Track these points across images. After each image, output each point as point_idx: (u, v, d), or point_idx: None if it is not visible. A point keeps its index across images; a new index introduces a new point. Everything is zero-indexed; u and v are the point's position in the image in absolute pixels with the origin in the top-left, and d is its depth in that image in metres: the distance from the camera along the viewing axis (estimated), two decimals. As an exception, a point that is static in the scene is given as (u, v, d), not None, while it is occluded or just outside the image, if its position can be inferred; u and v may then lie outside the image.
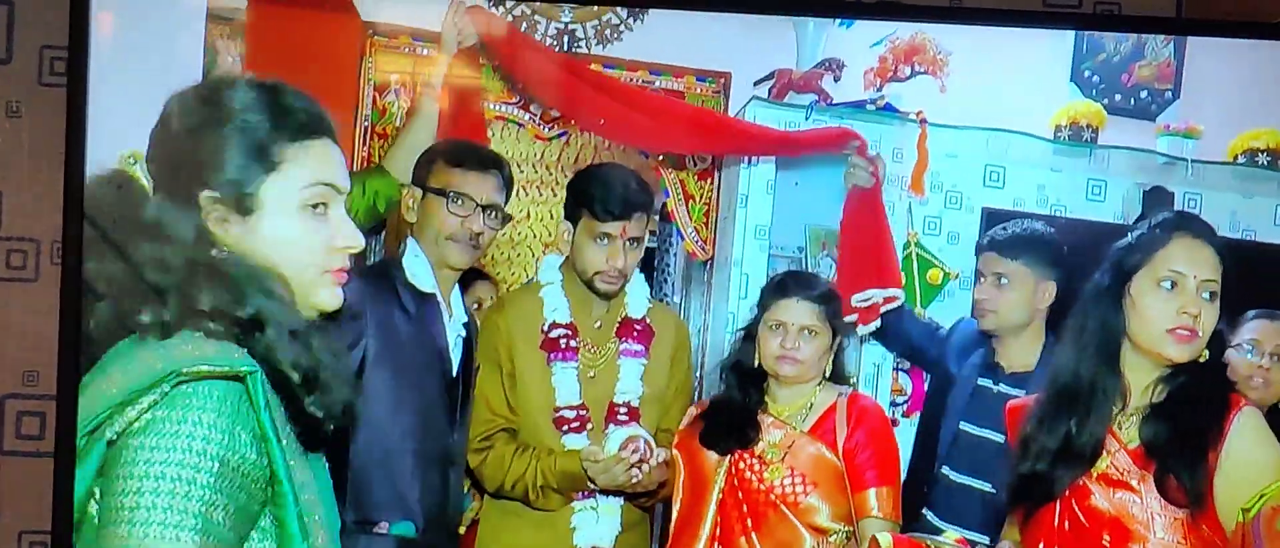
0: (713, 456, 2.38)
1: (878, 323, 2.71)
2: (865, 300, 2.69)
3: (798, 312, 2.36)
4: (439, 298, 2.34)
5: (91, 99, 2.16)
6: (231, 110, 1.35)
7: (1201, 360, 1.93)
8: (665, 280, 3.23)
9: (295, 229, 1.36)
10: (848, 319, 2.63)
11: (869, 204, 2.70)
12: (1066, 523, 1.99)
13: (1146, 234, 1.97)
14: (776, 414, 2.40)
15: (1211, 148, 2.95)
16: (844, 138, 2.74)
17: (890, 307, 2.72)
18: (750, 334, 2.42)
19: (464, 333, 2.39)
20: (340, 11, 2.76)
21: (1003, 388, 2.56)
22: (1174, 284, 1.92)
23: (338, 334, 1.45)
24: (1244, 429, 1.90)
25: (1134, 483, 1.94)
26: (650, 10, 2.94)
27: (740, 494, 2.35)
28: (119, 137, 2.23)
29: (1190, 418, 1.91)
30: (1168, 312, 1.91)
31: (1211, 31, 2.80)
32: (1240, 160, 2.96)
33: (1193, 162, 2.91)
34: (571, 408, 2.40)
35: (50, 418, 2.37)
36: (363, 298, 2.21)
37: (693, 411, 2.48)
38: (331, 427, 1.36)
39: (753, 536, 2.33)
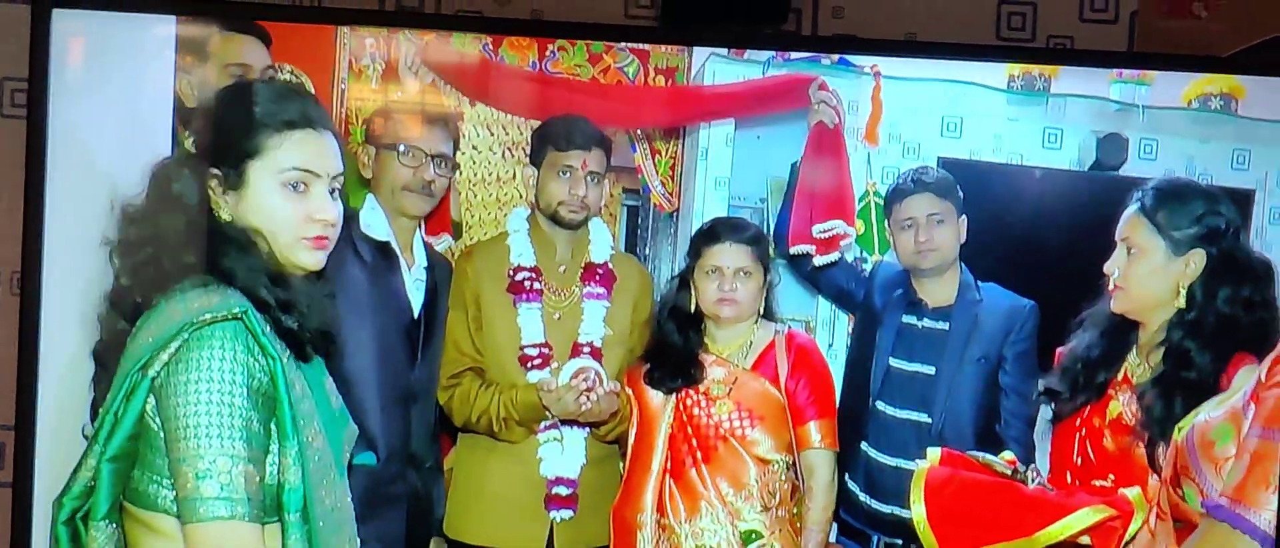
0: (659, 395, 2.52)
1: (838, 254, 2.77)
2: (827, 231, 2.74)
3: (732, 255, 2.49)
4: (395, 246, 2.49)
5: (57, 127, 2.20)
6: (235, 105, 1.72)
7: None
8: (644, 240, 3.33)
9: (274, 203, 1.69)
10: (804, 248, 2.72)
11: (832, 142, 2.77)
12: (1079, 459, 2.23)
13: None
14: (717, 353, 2.53)
15: (1167, 94, 3.02)
16: (804, 82, 2.80)
17: (844, 245, 2.80)
18: (685, 281, 2.56)
19: (424, 278, 2.54)
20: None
21: (927, 323, 2.69)
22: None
23: (318, 282, 1.76)
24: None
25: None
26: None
27: (690, 429, 2.49)
28: (85, 165, 2.21)
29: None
30: None
31: (1162, 65, 2.87)
32: (1194, 105, 3.03)
33: (1146, 108, 2.99)
34: (535, 346, 2.54)
35: (9, 448, 2.37)
36: None
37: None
38: (311, 340, 1.71)
39: (702, 468, 2.47)
